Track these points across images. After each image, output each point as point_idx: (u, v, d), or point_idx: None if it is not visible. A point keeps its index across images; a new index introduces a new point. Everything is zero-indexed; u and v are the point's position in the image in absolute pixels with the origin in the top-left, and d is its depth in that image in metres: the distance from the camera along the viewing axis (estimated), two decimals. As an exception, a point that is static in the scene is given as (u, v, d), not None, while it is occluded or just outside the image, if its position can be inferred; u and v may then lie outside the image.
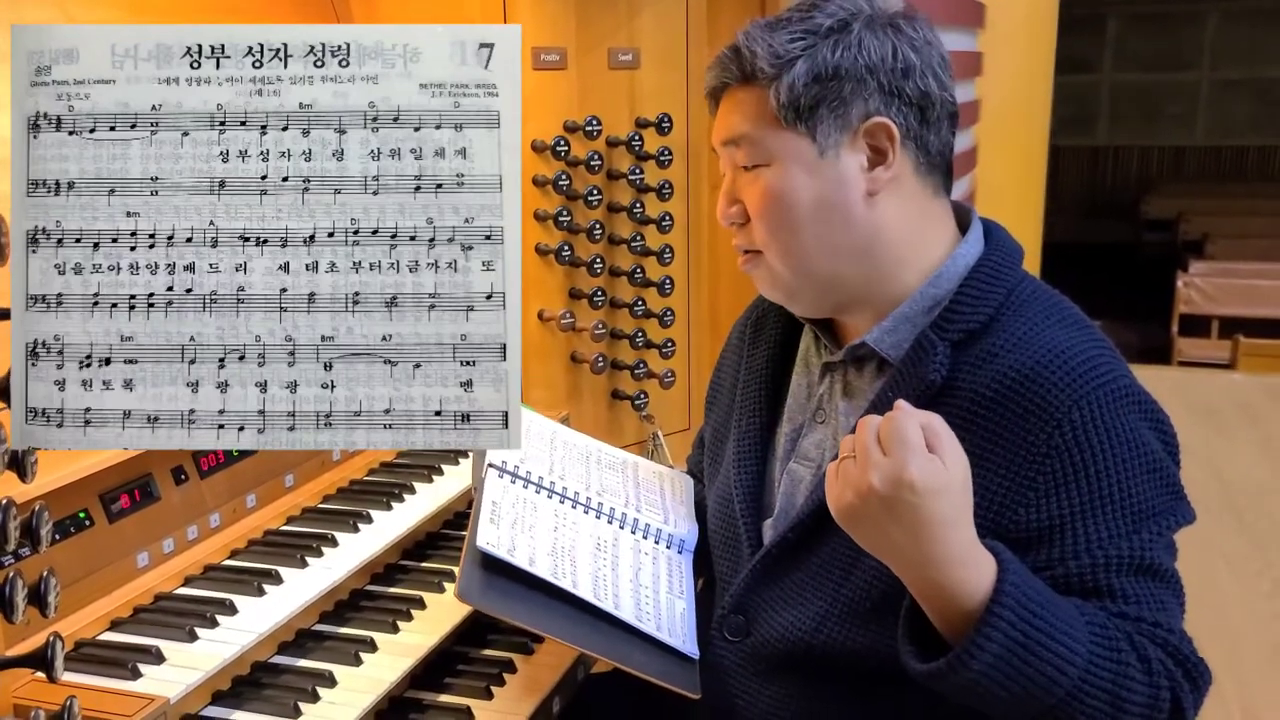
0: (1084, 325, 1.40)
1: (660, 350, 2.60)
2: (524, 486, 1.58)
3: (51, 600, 1.16)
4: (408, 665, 1.61)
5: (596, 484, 1.67)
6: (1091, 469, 1.27)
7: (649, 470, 1.80)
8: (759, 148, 1.43)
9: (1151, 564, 1.27)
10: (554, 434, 1.76)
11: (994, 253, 1.45)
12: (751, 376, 1.64)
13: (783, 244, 1.44)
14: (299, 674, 1.57)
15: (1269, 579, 3.60)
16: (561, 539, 1.51)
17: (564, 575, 1.44)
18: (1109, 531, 1.26)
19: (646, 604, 1.50)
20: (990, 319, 1.37)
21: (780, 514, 1.54)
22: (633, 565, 1.55)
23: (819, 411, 1.53)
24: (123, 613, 1.60)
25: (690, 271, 2.68)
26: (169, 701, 1.38)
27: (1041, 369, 1.30)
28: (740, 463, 1.59)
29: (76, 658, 1.46)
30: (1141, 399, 1.34)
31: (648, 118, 2.51)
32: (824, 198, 1.42)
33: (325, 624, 1.71)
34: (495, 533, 1.43)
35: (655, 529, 1.63)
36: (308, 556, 1.75)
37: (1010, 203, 5.04)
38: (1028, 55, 5.10)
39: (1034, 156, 5.47)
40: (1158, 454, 1.31)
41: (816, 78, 1.38)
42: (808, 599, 1.44)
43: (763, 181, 1.43)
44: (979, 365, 1.35)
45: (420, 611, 1.74)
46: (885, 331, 1.43)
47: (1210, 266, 8.10)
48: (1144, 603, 1.25)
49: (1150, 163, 12.43)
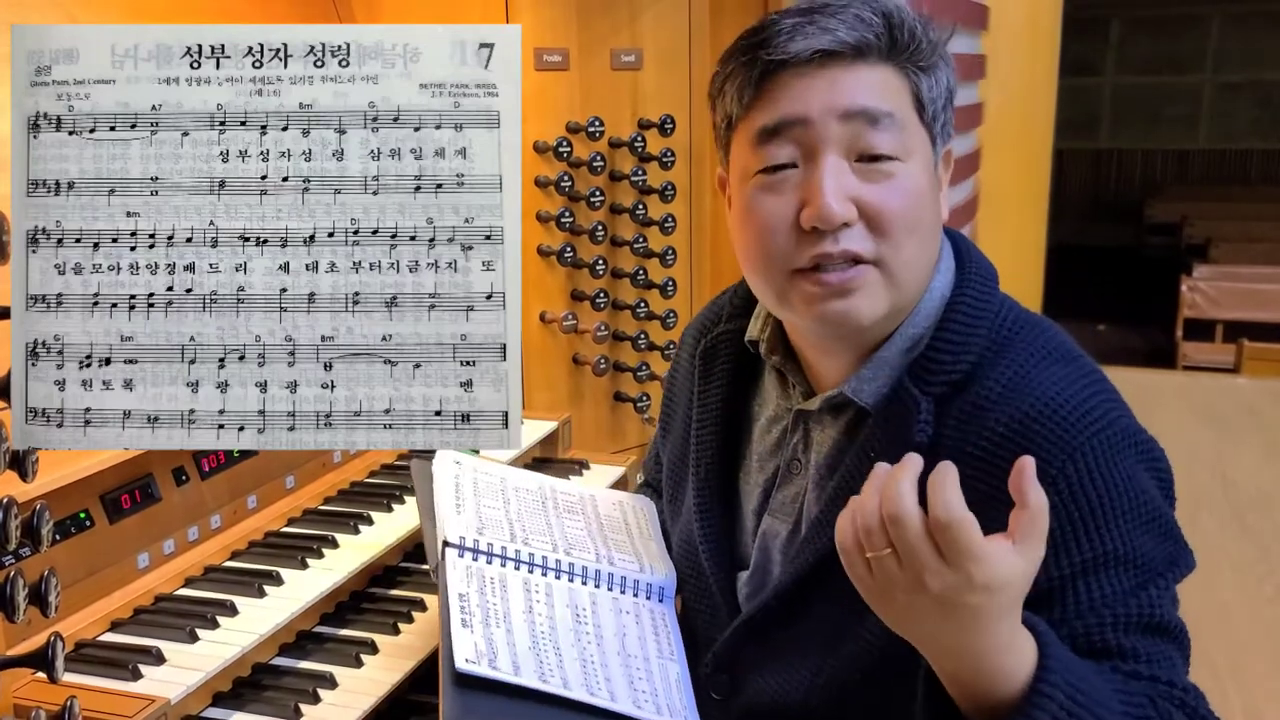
0: (1072, 358, 1.30)
1: (663, 352, 2.60)
2: (487, 562, 1.46)
3: (52, 600, 1.16)
4: (408, 667, 1.60)
5: (561, 539, 1.55)
6: (1091, 525, 1.18)
7: (608, 504, 1.68)
8: (904, 135, 1.26)
9: (1159, 621, 1.19)
10: (503, 481, 1.63)
11: (969, 283, 1.33)
12: (706, 416, 1.50)
13: (914, 251, 1.27)
14: (299, 675, 1.57)
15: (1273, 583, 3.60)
16: (539, 621, 1.41)
17: (551, 674, 1.34)
18: (1113, 589, 1.18)
19: (640, 681, 1.41)
20: (974, 365, 1.27)
21: (756, 570, 1.44)
22: (616, 633, 1.46)
23: (794, 463, 1.41)
24: (123, 613, 1.60)
25: (693, 274, 2.67)
26: (169, 702, 1.38)
27: (1031, 421, 1.20)
28: (703, 515, 1.48)
29: (77, 658, 1.46)
30: (1136, 438, 1.24)
31: (650, 119, 2.51)
32: (935, 214, 1.31)
33: (326, 626, 1.71)
34: (471, 641, 1.33)
35: (632, 580, 1.53)
36: (308, 558, 1.75)
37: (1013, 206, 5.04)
38: (1031, 58, 5.10)
39: (1037, 159, 5.47)
40: (1157, 502, 1.23)
41: (948, 86, 1.31)
42: (794, 665, 1.35)
43: (899, 178, 1.25)
44: (965, 421, 1.24)
45: (421, 614, 1.73)
46: (865, 380, 1.31)
47: (1214, 270, 8.09)
48: (1155, 662, 1.18)
49: (1154, 166, 12.43)
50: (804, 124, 1.25)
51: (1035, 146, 5.39)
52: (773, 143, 1.27)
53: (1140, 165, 12.51)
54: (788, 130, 1.26)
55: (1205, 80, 12.02)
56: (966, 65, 4.16)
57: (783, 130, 1.26)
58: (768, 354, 1.43)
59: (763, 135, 1.28)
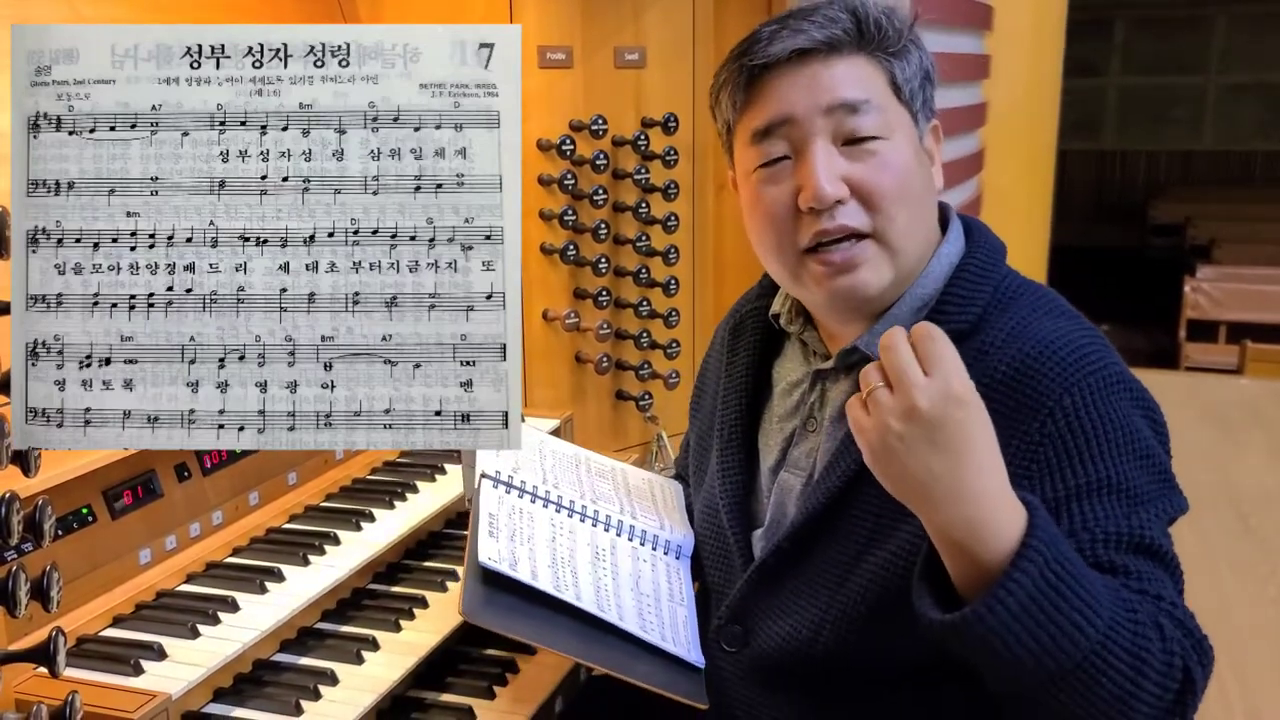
0: (1072, 315, 1.39)
1: (665, 351, 2.60)
2: (519, 496, 1.56)
3: (54, 595, 1.17)
4: (410, 664, 1.61)
5: (590, 492, 1.65)
6: (1085, 454, 1.25)
7: (638, 478, 1.78)
8: (885, 117, 1.37)
9: (1151, 544, 1.24)
10: (542, 443, 1.74)
11: (977, 250, 1.43)
12: (732, 384, 1.61)
13: (907, 220, 1.37)
14: (301, 672, 1.58)
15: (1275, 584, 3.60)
16: (560, 549, 1.50)
17: (566, 587, 1.42)
18: (1105, 512, 1.24)
19: (649, 613, 1.48)
20: (979, 318, 1.36)
21: (771, 524, 1.51)
22: (632, 573, 1.54)
23: (810, 420, 1.50)
24: (125, 609, 1.60)
25: (695, 272, 2.68)
26: (171, 698, 1.39)
27: (1032, 361, 1.29)
28: (725, 473, 1.57)
29: (79, 653, 1.47)
30: (1132, 385, 1.32)
31: (654, 117, 2.51)
32: (925, 184, 1.42)
33: (327, 622, 1.71)
34: (495, 546, 1.42)
35: (651, 535, 1.62)
36: (310, 554, 1.75)
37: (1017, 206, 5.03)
38: (1035, 58, 5.09)
39: (1041, 160, 5.46)
40: (1149, 442, 1.30)
41: (922, 66, 1.41)
42: (804, 607, 1.42)
43: (884, 155, 1.36)
44: (969, 365, 1.27)
45: (422, 610, 1.74)
46: (877, 335, 1.39)
47: (1218, 271, 8.07)
48: (1145, 579, 1.22)
49: (1158, 167, 12.40)
50: (791, 122, 1.38)
51: (1039, 147, 5.38)
52: (766, 141, 1.40)
53: (1144, 166, 12.48)
54: (778, 129, 1.39)
55: (1210, 81, 11.98)
56: (970, 65, 4.15)
57: (773, 129, 1.39)
58: (788, 323, 1.55)
59: (756, 136, 1.41)
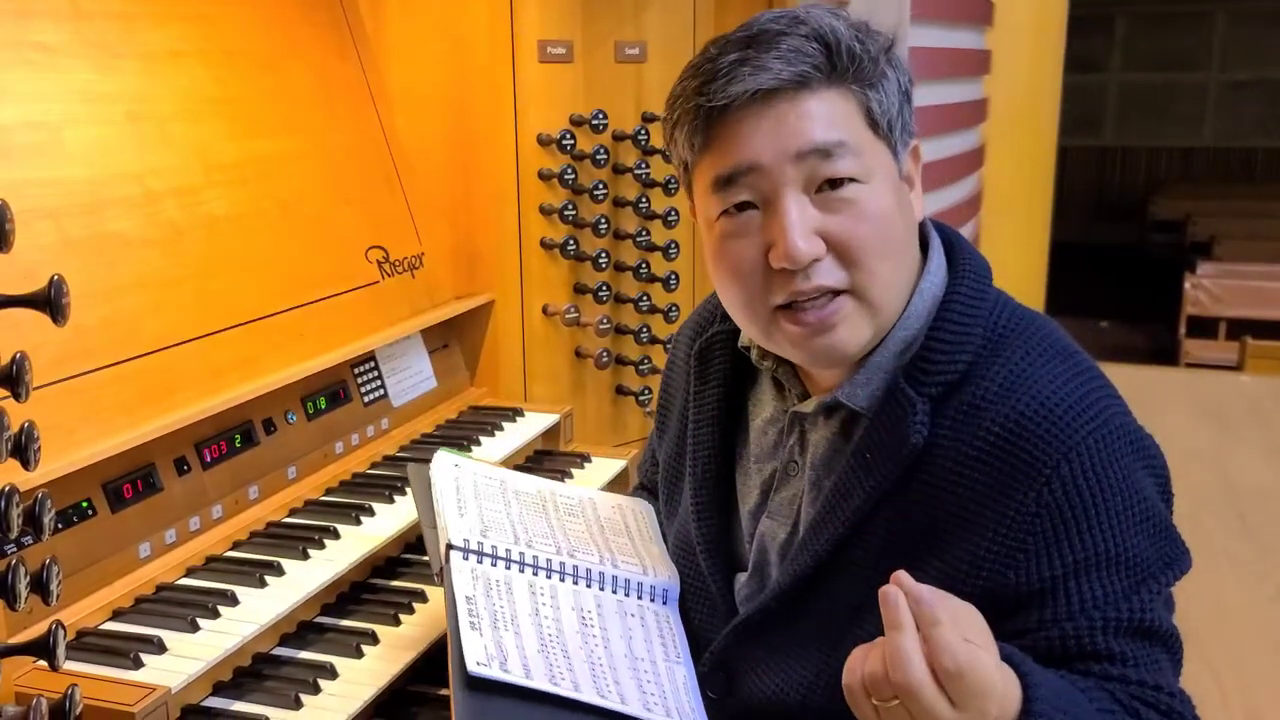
0: (1068, 354, 1.28)
1: (665, 346, 2.60)
2: (492, 565, 1.46)
3: (54, 588, 1.16)
4: (409, 658, 1.61)
5: (565, 542, 1.55)
6: (1084, 525, 1.17)
7: (608, 506, 1.68)
8: (862, 158, 1.23)
9: (1150, 626, 1.18)
10: (503, 484, 1.63)
11: (962, 282, 1.30)
12: (703, 417, 1.50)
13: (889, 272, 1.25)
14: (300, 665, 1.58)
15: (1274, 583, 3.58)
16: (546, 624, 1.41)
17: (561, 676, 1.34)
18: (1105, 592, 1.17)
19: (649, 684, 1.41)
20: (969, 365, 1.25)
21: (754, 571, 1.43)
22: (623, 635, 1.45)
23: (791, 465, 1.40)
24: (124, 602, 1.60)
25: (695, 268, 2.67)
26: (170, 691, 1.38)
27: (1027, 421, 1.19)
28: (700, 515, 1.48)
29: (78, 646, 1.47)
30: (1133, 436, 1.23)
31: (654, 112, 2.50)
32: (907, 223, 1.29)
33: (327, 616, 1.71)
34: (481, 644, 1.33)
35: (635, 583, 1.52)
36: (309, 548, 1.75)
37: (1017, 202, 5.03)
38: (1036, 54, 5.09)
39: (1041, 156, 5.45)
40: (1153, 502, 1.22)
41: (901, 88, 1.28)
42: (794, 667, 1.34)
43: (862, 203, 1.23)
44: (961, 421, 1.23)
45: (421, 605, 1.74)
46: (858, 385, 1.30)
47: (1218, 268, 8.06)
48: (1142, 665, 1.17)
49: (1158, 163, 12.40)
50: (758, 170, 1.23)
51: (1039, 143, 5.38)
52: (730, 190, 1.26)
53: (1145, 162, 12.47)
54: (742, 177, 1.25)
55: (1211, 77, 11.98)
56: (971, 61, 4.15)
57: (737, 178, 1.25)
58: (759, 360, 1.43)
59: (718, 183, 1.26)
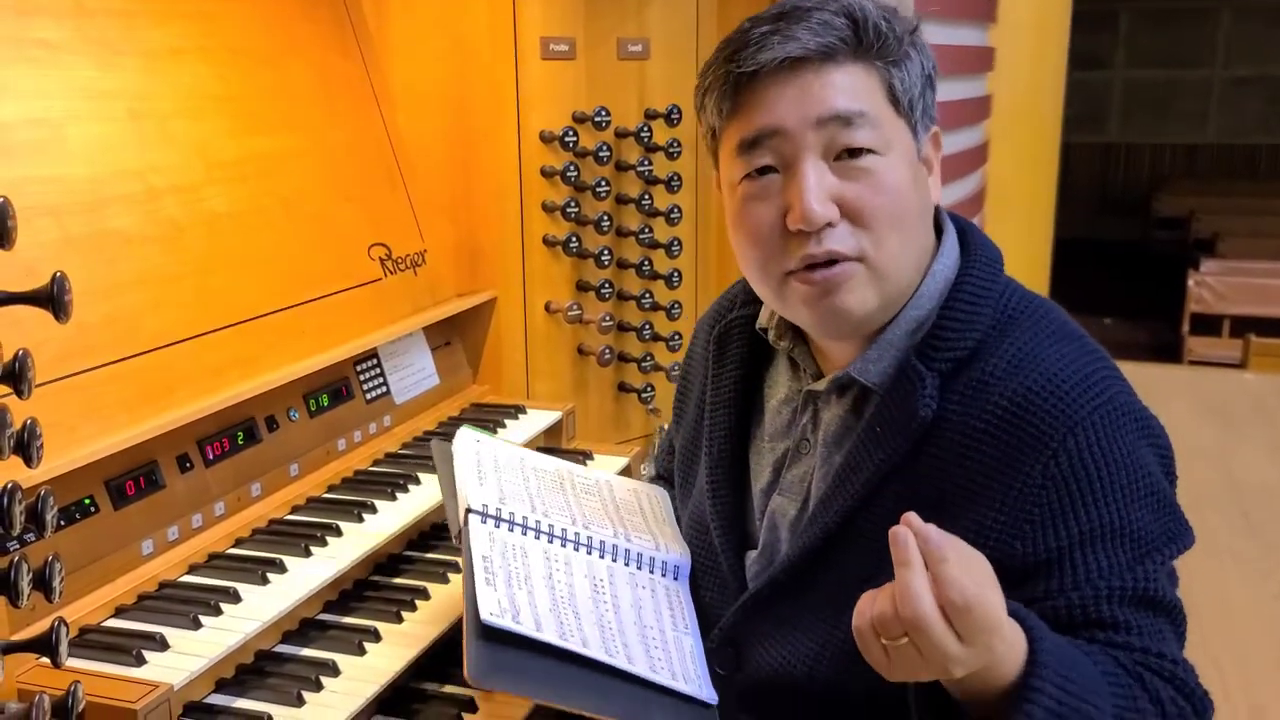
0: (1075, 336, 1.32)
1: (667, 343, 2.59)
2: (509, 530, 1.50)
3: (56, 585, 1.16)
4: (411, 655, 1.61)
5: (580, 515, 1.59)
6: (1090, 498, 1.20)
7: (624, 489, 1.72)
8: (881, 131, 1.27)
9: (1154, 596, 1.21)
10: (522, 460, 1.68)
11: (974, 265, 1.35)
12: (720, 399, 1.54)
13: (899, 244, 1.29)
14: (302, 663, 1.58)
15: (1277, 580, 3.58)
16: (559, 587, 1.45)
17: (571, 634, 1.38)
18: (1109, 563, 1.20)
19: (656, 649, 1.44)
20: (978, 343, 1.29)
21: (765, 548, 1.46)
22: (633, 604, 1.49)
23: (803, 443, 1.43)
24: (127, 599, 1.60)
25: (698, 265, 2.67)
26: (173, 688, 1.39)
27: (1034, 396, 1.23)
28: (715, 493, 1.52)
29: (81, 643, 1.47)
30: (1138, 414, 1.27)
31: (657, 109, 2.50)
32: (922, 203, 1.33)
33: (329, 613, 1.71)
34: (495, 597, 1.37)
35: (648, 557, 1.56)
36: (312, 546, 1.75)
37: (1021, 199, 5.02)
38: (1040, 51, 5.08)
39: (1045, 153, 5.44)
40: (1156, 478, 1.25)
41: (923, 70, 1.32)
42: (800, 639, 1.37)
43: (880, 172, 1.27)
44: (970, 396, 1.27)
45: (424, 601, 1.74)
46: (870, 361, 1.34)
47: (1221, 265, 8.05)
48: (1146, 634, 1.20)
49: (1162, 160, 12.38)
50: (781, 134, 1.28)
51: (1043, 140, 5.36)
52: (753, 153, 1.31)
53: (1148, 159, 12.45)
54: (766, 140, 1.29)
55: (1215, 74, 11.95)
56: (974, 58, 4.14)
57: (761, 141, 1.30)
58: (777, 340, 1.47)
59: (743, 147, 1.31)
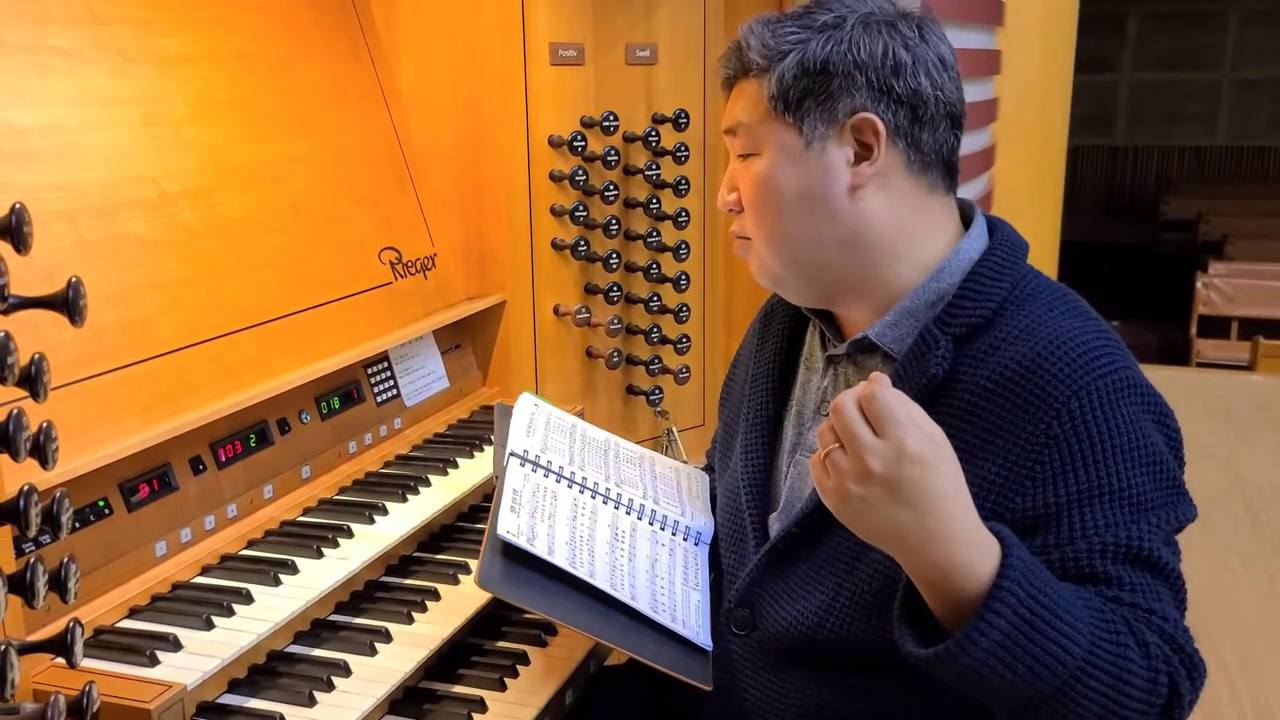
0: (1089, 315, 1.40)
1: (675, 346, 2.60)
2: (544, 475, 1.60)
3: (71, 586, 1.17)
4: (422, 656, 1.62)
5: (615, 476, 1.69)
6: (1090, 458, 1.26)
7: (665, 465, 1.82)
8: (751, 137, 1.48)
9: (1149, 555, 1.25)
10: (574, 427, 1.79)
11: (998, 247, 1.45)
12: (760, 370, 1.66)
13: (768, 230, 1.49)
14: (314, 663, 1.59)
15: (1285, 580, 3.58)
16: (580, 528, 1.54)
17: (581, 564, 1.46)
18: (1106, 520, 1.25)
19: (662, 595, 1.51)
20: (994, 313, 1.38)
21: (786, 506, 1.55)
22: (649, 556, 1.57)
23: (823, 404, 1.54)
24: (141, 600, 1.61)
25: (706, 267, 2.68)
26: (186, 688, 1.40)
27: (1043, 359, 1.30)
28: (748, 455, 1.61)
29: (95, 644, 1.48)
30: (1145, 391, 1.33)
31: (665, 113, 2.51)
32: (808, 188, 1.45)
33: (341, 614, 1.72)
34: (515, 521, 1.46)
35: (672, 521, 1.65)
36: (324, 547, 1.76)
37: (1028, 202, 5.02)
38: (1047, 54, 5.07)
39: (1052, 155, 5.44)
40: (1158, 448, 1.30)
41: (805, 71, 1.42)
42: (812, 592, 1.45)
43: (753, 170, 1.48)
44: (981, 358, 1.35)
45: (435, 603, 1.75)
46: (887, 325, 1.45)
47: (1230, 267, 8.03)
48: (1140, 590, 1.23)
49: (1170, 163, 12.36)
50: None
51: (1050, 142, 5.36)
52: None
53: (1156, 162, 12.43)
54: None
55: (1223, 76, 11.93)
56: (982, 61, 4.14)
57: None
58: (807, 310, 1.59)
59: None
